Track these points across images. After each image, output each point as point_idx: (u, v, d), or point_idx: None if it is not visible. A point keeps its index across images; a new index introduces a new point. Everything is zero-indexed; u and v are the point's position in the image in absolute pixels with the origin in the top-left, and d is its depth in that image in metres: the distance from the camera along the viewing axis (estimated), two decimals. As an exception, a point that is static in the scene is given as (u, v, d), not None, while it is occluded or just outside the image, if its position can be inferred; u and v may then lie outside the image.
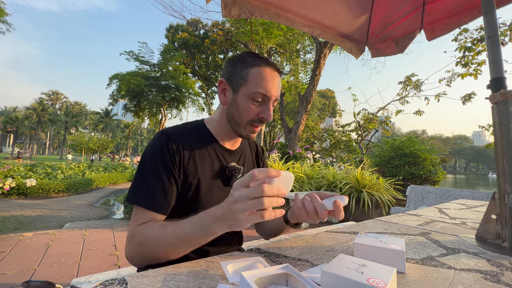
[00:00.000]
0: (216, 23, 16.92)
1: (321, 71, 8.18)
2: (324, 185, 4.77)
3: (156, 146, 0.71)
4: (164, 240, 0.59)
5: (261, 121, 0.76)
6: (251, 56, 0.75)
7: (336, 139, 11.65)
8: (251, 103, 0.73)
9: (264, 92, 0.72)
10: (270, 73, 0.73)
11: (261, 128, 10.70)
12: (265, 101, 0.74)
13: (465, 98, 8.57)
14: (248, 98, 0.73)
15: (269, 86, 0.72)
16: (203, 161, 0.76)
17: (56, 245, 3.00)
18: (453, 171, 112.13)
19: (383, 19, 1.56)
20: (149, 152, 0.71)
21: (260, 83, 0.72)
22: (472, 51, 5.58)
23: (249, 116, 0.75)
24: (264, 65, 0.73)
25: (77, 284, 0.88)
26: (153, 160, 0.69)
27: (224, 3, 1.22)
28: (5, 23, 14.83)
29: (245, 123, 0.76)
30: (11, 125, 55.68)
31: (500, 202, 0.75)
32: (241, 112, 0.75)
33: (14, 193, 6.83)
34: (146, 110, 19.01)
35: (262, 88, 0.72)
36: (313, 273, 0.51)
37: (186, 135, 0.76)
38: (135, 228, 0.64)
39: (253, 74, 0.72)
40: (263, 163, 1.00)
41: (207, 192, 0.75)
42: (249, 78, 0.73)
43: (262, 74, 0.73)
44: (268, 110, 0.75)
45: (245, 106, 0.74)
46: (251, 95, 0.72)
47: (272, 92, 0.73)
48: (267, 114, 0.74)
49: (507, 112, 0.75)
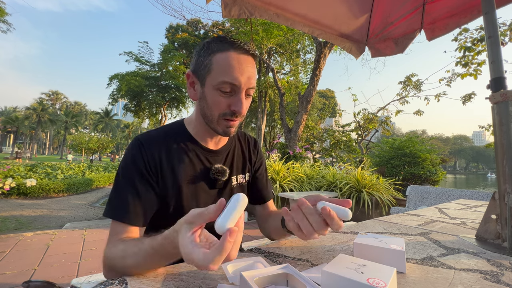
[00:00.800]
0: (216, 23, 16.94)
1: (321, 71, 8.18)
2: (324, 185, 4.77)
3: (129, 155, 0.66)
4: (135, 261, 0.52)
5: (234, 114, 0.67)
6: (216, 41, 0.66)
7: (336, 139, 11.65)
8: (219, 94, 0.65)
9: (231, 81, 0.63)
10: (237, 58, 0.64)
11: (261, 128, 10.70)
12: (235, 91, 0.65)
13: (465, 98, 8.58)
14: (215, 90, 0.64)
15: (237, 73, 0.63)
16: (183, 165, 0.70)
17: (56, 245, 3.00)
18: (453, 171, 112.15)
19: (383, 19, 1.56)
20: (123, 162, 0.67)
21: (225, 71, 0.63)
22: (472, 51, 5.58)
23: (219, 109, 0.66)
24: (229, 49, 0.64)
25: (77, 284, 0.88)
26: (127, 170, 0.65)
27: (224, 3, 1.23)
28: (5, 23, 14.84)
29: (216, 117, 0.67)
30: (11, 125, 55.67)
31: (500, 202, 0.75)
32: (210, 106, 0.67)
33: (14, 193, 6.83)
34: (146, 110, 19.03)
35: (228, 76, 0.63)
36: (313, 273, 0.51)
37: (162, 139, 0.71)
38: (105, 250, 0.58)
39: (217, 62, 0.64)
40: (258, 157, 0.91)
41: (192, 197, 0.71)
42: (213, 66, 0.64)
43: (227, 60, 0.63)
44: (239, 101, 0.65)
45: (213, 98, 0.66)
46: (217, 85, 0.64)
47: (241, 79, 0.63)
48: (238, 106, 0.65)
49: (507, 112, 0.75)
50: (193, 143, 0.74)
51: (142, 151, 0.67)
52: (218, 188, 0.77)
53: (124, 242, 0.57)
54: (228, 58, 0.64)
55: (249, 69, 0.65)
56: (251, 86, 0.67)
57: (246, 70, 0.64)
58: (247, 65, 0.65)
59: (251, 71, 0.66)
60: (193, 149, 0.74)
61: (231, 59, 0.64)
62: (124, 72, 17.49)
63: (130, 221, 0.61)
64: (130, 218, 0.61)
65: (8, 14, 14.84)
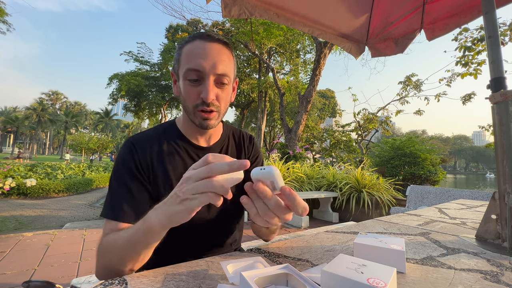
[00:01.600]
0: (216, 23, 16.93)
1: (321, 71, 8.18)
2: (324, 185, 4.77)
3: (121, 156, 0.68)
4: (119, 246, 0.53)
5: (206, 104, 0.65)
6: (187, 37, 0.67)
7: (336, 139, 11.65)
8: (188, 84, 0.65)
9: (194, 67, 0.62)
10: (200, 44, 0.64)
11: (261, 128, 10.69)
12: (202, 78, 0.64)
13: (465, 98, 8.58)
14: (185, 80, 0.65)
15: (199, 59, 0.62)
16: (175, 164, 0.71)
17: (56, 245, 3.00)
18: (453, 171, 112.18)
19: (383, 19, 1.56)
20: (115, 163, 0.68)
21: (189, 59, 0.63)
22: (472, 50, 5.58)
23: (192, 100, 0.66)
24: (196, 39, 0.65)
25: (77, 284, 0.88)
26: (119, 171, 0.66)
27: (224, 3, 1.23)
28: (5, 23, 14.84)
29: (192, 109, 0.67)
30: (11, 125, 55.71)
31: (500, 202, 0.75)
32: (185, 99, 0.67)
33: (14, 193, 6.83)
34: (146, 110, 19.04)
35: (191, 63, 0.63)
36: (313, 273, 0.51)
37: (153, 139, 0.72)
38: (98, 246, 0.59)
39: (184, 53, 0.65)
40: (253, 153, 0.88)
41: None
42: (181, 58, 0.65)
43: (191, 49, 0.64)
44: (205, 88, 0.63)
45: (185, 90, 0.66)
46: (185, 75, 0.64)
47: (204, 64, 0.62)
48: (205, 93, 0.63)
49: (507, 112, 0.75)
50: (184, 141, 0.74)
51: (133, 152, 0.67)
52: None
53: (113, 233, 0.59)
54: (193, 46, 0.64)
55: (214, 55, 0.64)
56: (220, 73, 0.64)
57: (211, 55, 0.63)
58: (213, 51, 0.64)
59: (217, 57, 0.64)
60: (183, 147, 0.74)
61: (195, 47, 0.64)
62: (124, 72, 17.50)
63: (122, 219, 0.62)
64: (122, 216, 0.62)
65: (8, 15, 14.84)
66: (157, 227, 0.46)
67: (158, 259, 0.63)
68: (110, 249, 0.55)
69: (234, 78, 0.73)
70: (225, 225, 0.80)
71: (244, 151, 0.86)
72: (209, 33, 0.66)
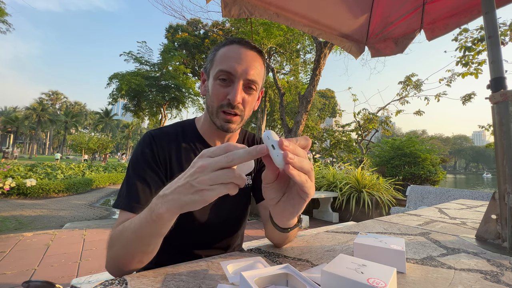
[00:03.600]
0: (216, 23, 16.92)
1: (321, 71, 8.18)
2: (324, 185, 4.77)
3: (140, 148, 0.68)
4: (124, 235, 0.51)
5: (231, 105, 0.66)
6: (225, 40, 0.70)
7: (336, 139, 11.65)
8: (217, 84, 0.66)
9: (227, 69, 0.64)
10: (236, 49, 0.66)
11: (261, 128, 10.76)
12: (232, 80, 0.66)
13: (465, 98, 8.58)
14: (215, 79, 0.67)
15: (233, 62, 0.65)
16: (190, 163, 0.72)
17: (56, 245, 3.00)
18: (453, 171, 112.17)
19: (383, 19, 1.56)
20: (133, 154, 0.68)
21: (224, 60, 0.66)
22: (472, 50, 5.58)
23: (218, 100, 0.67)
24: (233, 43, 0.67)
25: (77, 284, 0.88)
26: (137, 161, 0.66)
27: (224, 3, 1.22)
28: (5, 23, 14.83)
29: (216, 109, 0.68)
30: (11, 125, 55.66)
31: (500, 202, 0.75)
32: (211, 97, 0.68)
33: (14, 193, 6.82)
34: (146, 110, 19.03)
35: (225, 65, 0.65)
36: (313, 273, 0.51)
37: (172, 136, 0.73)
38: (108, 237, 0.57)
39: (219, 54, 0.67)
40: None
41: None
42: (215, 58, 0.68)
43: (227, 52, 0.66)
44: (234, 90, 0.65)
45: (213, 89, 0.67)
46: (216, 74, 0.66)
47: (237, 68, 0.64)
48: (232, 95, 0.65)
49: (507, 112, 0.75)
50: (201, 143, 0.75)
51: (152, 144, 0.68)
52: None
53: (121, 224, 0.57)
54: (229, 49, 0.67)
55: (248, 60, 0.66)
56: (251, 78, 0.66)
57: (244, 60, 0.65)
58: (247, 57, 0.66)
59: (251, 63, 0.66)
60: (200, 148, 0.75)
61: (231, 51, 0.66)
62: (124, 71, 17.47)
63: (137, 210, 0.60)
64: (138, 207, 0.61)
65: (8, 15, 14.84)
66: (166, 215, 0.43)
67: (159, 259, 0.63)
68: (118, 241, 0.53)
69: (261, 87, 0.74)
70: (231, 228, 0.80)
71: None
72: (247, 40, 0.68)
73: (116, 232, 0.55)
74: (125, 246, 0.51)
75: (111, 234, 0.57)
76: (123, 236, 0.52)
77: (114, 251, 0.54)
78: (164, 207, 0.42)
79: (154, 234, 0.47)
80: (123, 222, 0.57)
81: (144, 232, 0.48)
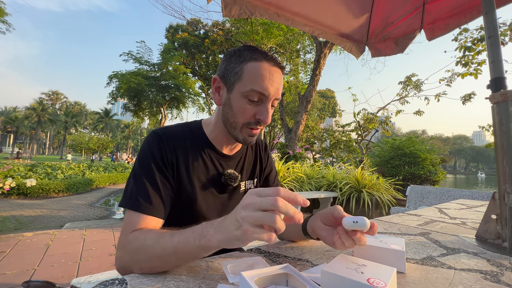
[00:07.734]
0: (216, 23, 16.93)
1: (321, 71, 8.18)
2: (324, 185, 4.77)
3: (147, 147, 0.67)
4: (163, 248, 0.50)
5: (259, 123, 0.67)
6: (248, 50, 0.66)
7: (336, 139, 11.66)
8: (246, 102, 0.65)
9: (261, 90, 0.63)
10: (268, 69, 0.65)
11: (261, 128, 10.67)
12: (262, 101, 0.66)
13: (465, 98, 8.59)
14: (243, 97, 0.65)
15: (267, 83, 0.64)
16: (198, 168, 0.71)
17: (56, 245, 3.00)
18: (453, 171, 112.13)
19: (383, 19, 1.56)
20: (141, 153, 0.67)
21: (256, 80, 0.63)
22: (472, 50, 5.58)
23: (245, 118, 0.66)
24: (262, 59, 0.65)
25: (77, 284, 0.88)
26: (145, 160, 0.65)
27: (224, 3, 1.22)
28: (5, 23, 14.82)
29: (240, 125, 0.68)
30: (11, 125, 55.65)
31: (500, 202, 0.75)
32: (235, 113, 0.67)
33: (14, 193, 6.82)
34: (146, 110, 19.01)
35: (258, 86, 0.63)
36: (313, 273, 0.51)
37: (179, 137, 0.71)
38: (128, 235, 0.56)
39: (248, 70, 0.64)
40: (268, 161, 0.91)
41: (201, 201, 0.71)
42: (244, 74, 0.64)
43: (259, 70, 0.64)
44: (266, 111, 0.66)
45: (240, 106, 0.66)
46: (246, 93, 0.64)
47: (270, 90, 0.64)
48: (264, 116, 0.65)
49: (507, 112, 0.75)
50: (210, 148, 0.75)
51: (160, 144, 0.67)
52: (228, 193, 0.78)
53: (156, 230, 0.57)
54: (260, 68, 0.65)
55: (278, 81, 0.67)
56: (278, 97, 0.68)
57: (275, 81, 0.66)
58: (277, 77, 0.67)
59: (279, 83, 0.67)
60: (208, 153, 0.74)
61: (263, 69, 0.65)
62: (124, 71, 17.45)
63: (152, 212, 0.60)
64: (152, 208, 0.60)
65: (8, 14, 14.82)
66: (215, 245, 0.45)
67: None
68: (144, 252, 0.51)
69: None
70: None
71: (260, 160, 0.89)
72: (273, 56, 0.67)
73: (140, 241, 0.53)
74: (159, 257, 0.50)
75: (128, 240, 0.55)
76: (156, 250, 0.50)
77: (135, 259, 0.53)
78: (214, 239, 0.44)
79: (197, 256, 0.49)
80: (136, 226, 0.57)
81: (187, 253, 0.48)
